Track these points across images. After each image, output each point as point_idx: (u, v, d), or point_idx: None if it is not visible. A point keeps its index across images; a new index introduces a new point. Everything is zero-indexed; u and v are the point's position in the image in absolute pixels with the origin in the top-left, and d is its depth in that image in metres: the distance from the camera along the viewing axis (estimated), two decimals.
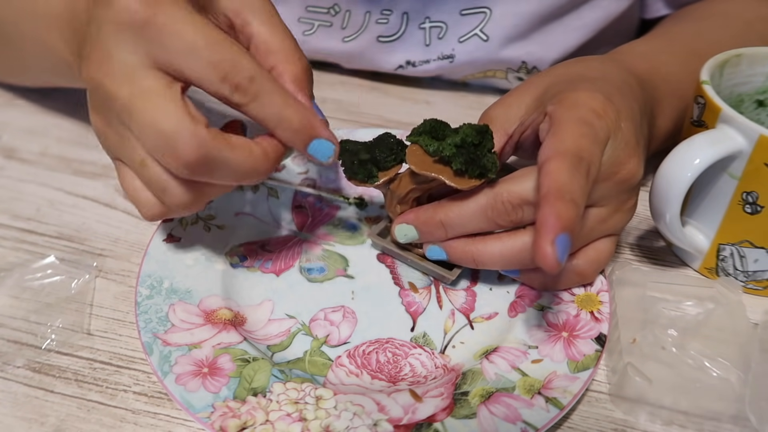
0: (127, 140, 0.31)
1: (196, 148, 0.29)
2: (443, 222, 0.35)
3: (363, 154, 0.36)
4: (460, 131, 0.34)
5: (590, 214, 0.34)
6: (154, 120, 0.29)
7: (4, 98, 0.56)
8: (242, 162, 0.31)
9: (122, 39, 0.29)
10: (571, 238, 0.29)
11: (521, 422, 0.30)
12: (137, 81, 0.29)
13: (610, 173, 0.33)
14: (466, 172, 0.33)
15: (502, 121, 0.37)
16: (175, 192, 0.32)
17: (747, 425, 0.31)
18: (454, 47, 0.53)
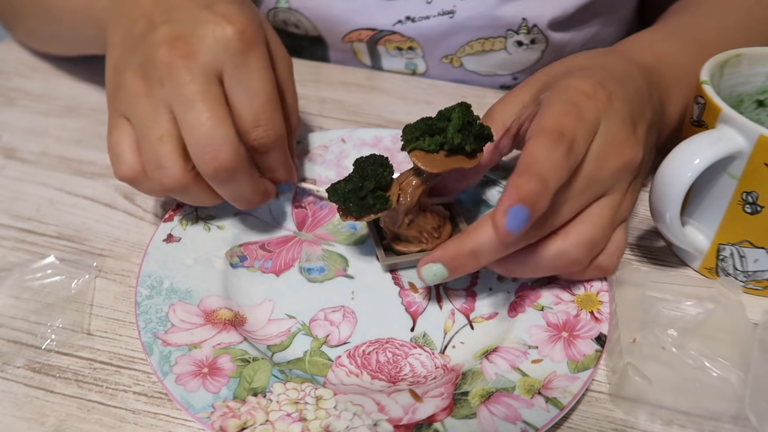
0: (159, 115, 0.34)
1: (234, 161, 0.34)
2: (474, 251, 0.32)
3: (367, 183, 0.34)
4: (452, 116, 0.35)
5: (605, 205, 0.34)
6: (214, 122, 0.33)
7: (4, 98, 0.56)
8: (250, 187, 0.37)
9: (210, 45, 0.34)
10: (533, 214, 0.29)
11: (521, 422, 0.30)
12: (206, 83, 0.34)
13: (610, 154, 0.34)
14: (477, 149, 0.35)
15: (501, 115, 0.38)
16: (171, 175, 0.35)
17: (747, 425, 0.31)
18: (456, 3, 0.53)
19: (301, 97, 0.56)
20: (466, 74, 0.58)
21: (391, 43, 0.57)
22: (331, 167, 0.46)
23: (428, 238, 0.39)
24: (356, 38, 0.57)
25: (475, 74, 0.58)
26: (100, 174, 0.47)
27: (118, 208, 0.44)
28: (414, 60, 0.58)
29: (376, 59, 0.59)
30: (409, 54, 0.58)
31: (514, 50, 0.55)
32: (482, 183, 0.44)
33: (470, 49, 0.56)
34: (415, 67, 0.59)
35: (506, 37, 0.55)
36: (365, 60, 0.60)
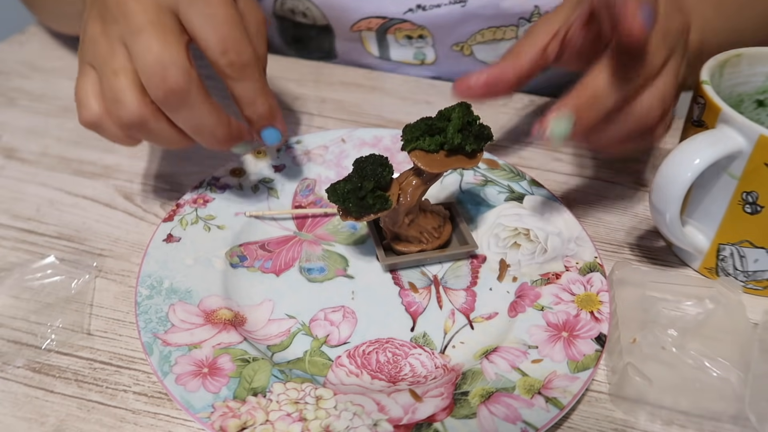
0: (115, 51, 0.35)
1: (183, 82, 0.34)
2: (595, 95, 0.34)
3: (366, 183, 0.34)
4: (452, 116, 0.35)
5: (672, 65, 0.36)
6: (162, 46, 0.33)
7: (4, 98, 0.56)
8: (209, 115, 0.36)
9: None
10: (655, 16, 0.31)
11: (521, 422, 0.30)
12: (157, 14, 0.34)
13: (672, 16, 0.35)
14: (477, 149, 0.35)
15: (545, 24, 0.38)
16: (128, 108, 0.34)
17: (747, 425, 0.31)
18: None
19: (301, 97, 0.56)
20: (476, 64, 0.58)
21: (401, 32, 0.56)
22: (331, 167, 0.46)
23: (428, 238, 0.39)
24: (365, 27, 0.57)
25: (485, 65, 0.58)
26: (100, 174, 0.47)
27: (118, 208, 0.44)
28: (423, 49, 0.58)
29: (385, 49, 0.59)
30: (418, 43, 0.57)
31: None
32: (482, 183, 0.44)
33: (481, 38, 0.56)
34: (424, 57, 0.58)
35: (518, 25, 0.54)
36: (372, 50, 0.59)
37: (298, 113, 0.54)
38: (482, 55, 0.57)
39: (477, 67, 0.57)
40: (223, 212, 0.42)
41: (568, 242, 0.39)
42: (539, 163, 0.49)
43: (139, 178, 0.47)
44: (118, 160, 0.49)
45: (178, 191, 0.46)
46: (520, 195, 0.43)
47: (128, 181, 0.47)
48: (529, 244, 0.40)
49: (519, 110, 0.55)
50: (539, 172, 0.48)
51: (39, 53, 0.62)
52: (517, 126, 0.53)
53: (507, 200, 0.43)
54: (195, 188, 0.43)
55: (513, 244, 0.40)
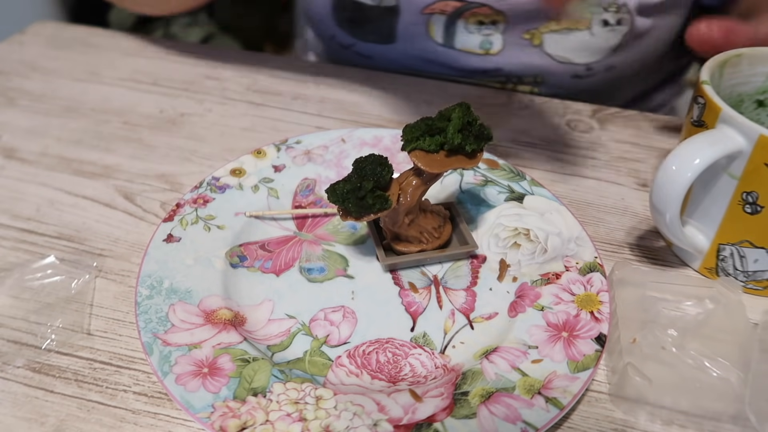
0: None
1: None
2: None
3: (366, 183, 0.34)
4: (452, 116, 0.35)
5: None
6: None
7: (4, 98, 0.56)
8: None
9: None
10: None
11: (521, 422, 0.30)
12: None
13: None
14: (477, 149, 0.36)
15: None
16: None
17: (747, 425, 0.31)
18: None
19: (301, 97, 0.56)
20: (542, 57, 0.57)
21: (475, 17, 0.55)
22: (331, 167, 0.46)
23: (428, 238, 0.39)
24: (439, 9, 0.55)
25: (550, 58, 0.57)
26: (100, 174, 0.47)
27: (118, 208, 0.44)
28: (490, 37, 0.56)
29: (450, 36, 0.57)
30: (487, 30, 0.56)
31: (598, 30, 0.55)
32: (482, 183, 0.44)
33: (556, 26, 0.55)
34: (490, 46, 0.57)
35: (592, 13, 0.54)
36: (436, 36, 0.57)
37: (298, 113, 0.54)
38: (550, 47, 0.56)
39: (542, 59, 0.57)
40: (223, 212, 0.42)
41: (568, 242, 0.39)
42: (539, 163, 0.49)
43: (139, 178, 0.47)
44: (118, 160, 0.49)
45: (178, 191, 0.46)
46: (520, 195, 0.43)
47: (128, 181, 0.47)
48: (529, 244, 0.40)
49: (519, 110, 0.55)
50: (539, 172, 0.48)
51: (39, 53, 0.62)
52: (517, 126, 0.53)
53: (507, 200, 0.43)
54: (195, 188, 0.43)
55: (513, 244, 0.40)
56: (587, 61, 0.57)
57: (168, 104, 0.55)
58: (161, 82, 0.58)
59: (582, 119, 0.54)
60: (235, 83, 0.58)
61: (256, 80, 0.58)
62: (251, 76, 0.59)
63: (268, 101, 0.56)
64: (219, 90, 0.57)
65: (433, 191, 0.44)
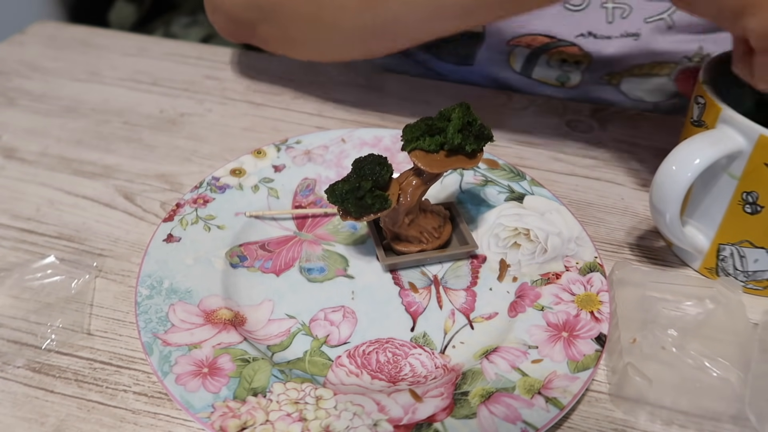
0: None
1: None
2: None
3: (364, 183, 0.34)
4: (452, 116, 0.35)
5: None
6: None
7: (4, 98, 0.56)
8: None
9: None
10: None
11: (521, 422, 0.30)
12: None
13: None
14: (477, 149, 0.36)
15: None
16: None
17: (747, 425, 0.31)
18: (640, 27, 0.52)
19: (300, 97, 0.56)
20: (615, 94, 0.58)
21: (560, 55, 0.55)
22: (331, 167, 0.46)
23: (428, 238, 0.39)
24: (526, 43, 0.55)
25: (623, 96, 0.58)
26: (100, 174, 0.47)
27: (118, 208, 0.44)
28: (570, 73, 0.57)
29: (529, 67, 0.57)
30: (568, 67, 0.56)
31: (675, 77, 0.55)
32: (482, 183, 0.44)
33: (639, 71, 0.55)
34: (567, 80, 0.57)
35: (678, 63, 0.54)
36: (516, 66, 0.57)
37: (298, 113, 0.54)
38: (626, 87, 0.57)
39: (616, 96, 0.57)
40: (223, 212, 0.42)
41: (568, 242, 0.39)
42: (539, 163, 0.49)
43: (139, 178, 0.47)
44: (118, 160, 0.49)
45: (178, 191, 0.46)
46: (520, 195, 0.43)
47: (128, 181, 0.47)
48: (529, 244, 0.40)
49: (519, 110, 0.55)
50: (539, 172, 0.48)
51: (39, 53, 0.62)
52: (517, 126, 0.53)
53: (507, 200, 0.43)
54: (195, 188, 0.43)
55: (513, 244, 0.40)
56: (657, 100, 0.58)
57: (168, 104, 0.55)
58: (161, 82, 0.58)
59: (582, 119, 0.54)
60: (235, 83, 0.58)
61: (256, 80, 0.58)
62: (251, 76, 0.59)
63: (268, 101, 0.56)
64: (219, 90, 0.57)
65: (433, 191, 0.44)
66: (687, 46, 0.53)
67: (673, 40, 0.53)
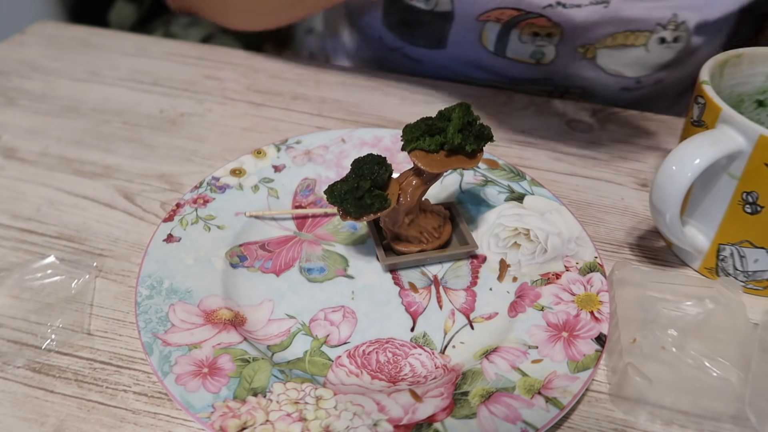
0: None
1: None
2: None
3: (362, 183, 0.34)
4: (452, 116, 0.35)
5: None
6: None
7: (4, 98, 0.56)
8: None
9: None
10: None
11: (521, 422, 0.30)
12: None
13: None
14: (477, 149, 0.36)
15: None
16: None
17: (747, 425, 0.31)
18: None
19: (300, 97, 0.56)
20: (593, 69, 0.57)
21: (531, 28, 0.54)
22: (331, 167, 0.46)
23: (428, 238, 0.39)
24: (495, 17, 0.54)
25: (601, 71, 0.57)
26: (100, 174, 0.47)
27: (118, 208, 0.44)
28: (543, 48, 0.56)
29: (503, 44, 0.56)
30: (541, 41, 0.55)
31: (654, 47, 0.54)
32: (482, 183, 0.44)
33: (612, 41, 0.54)
34: (542, 56, 0.56)
35: (653, 31, 0.53)
36: (489, 44, 0.56)
37: (298, 113, 0.54)
38: (603, 61, 0.56)
39: (594, 72, 0.57)
40: (223, 212, 0.42)
41: (568, 242, 0.39)
42: (539, 163, 0.49)
43: (139, 178, 0.47)
44: (118, 160, 0.49)
45: (178, 191, 0.46)
46: (520, 195, 0.43)
47: (128, 181, 0.47)
48: (529, 244, 0.40)
49: (519, 110, 0.55)
50: (539, 172, 0.48)
51: (39, 53, 0.62)
52: (517, 126, 0.53)
53: (507, 200, 0.43)
54: (195, 188, 0.43)
55: (513, 244, 0.40)
56: (638, 75, 0.57)
57: (168, 104, 0.55)
58: (161, 82, 0.58)
59: (582, 119, 0.54)
60: (235, 83, 0.58)
61: (256, 80, 0.58)
62: (251, 76, 0.59)
63: (268, 101, 0.56)
64: (219, 90, 0.57)
65: (433, 191, 0.44)
66: (660, 13, 0.52)
67: (644, 7, 0.52)
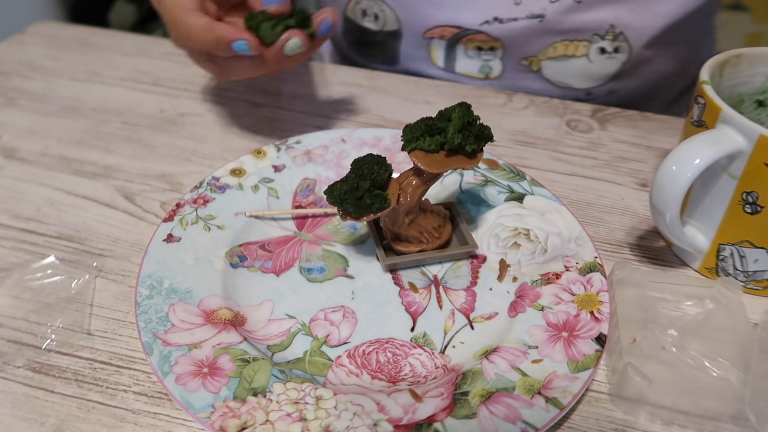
0: None
1: None
2: None
3: (362, 183, 0.34)
4: (453, 116, 0.35)
5: None
6: None
7: (4, 98, 0.56)
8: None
9: None
10: None
11: (521, 422, 0.30)
12: None
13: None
14: (477, 149, 0.36)
15: None
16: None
17: (747, 425, 0.31)
18: (545, 6, 0.53)
19: (300, 97, 0.56)
20: (541, 82, 0.58)
21: (473, 42, 0.56)
22: (331, 167, 0.46)
23: (428, 238, 0.39)
24: (438, 35, 0.57)
25: (549, 83, 0.58)
26: (100, 174, 0.47)
27: (118, 208, 0.44)
28: (490, 62, 0.58)
29: (451, 60, 0.59)
30: (487, 55, 0.57)
31: (596, 57, 0.56)
32: (482, 183, 0.44)
33: (553, 51, 0.56)
34: (489, 70, 0.58)
35: (591, 41, 0.55)
36: (438, 60, 0.59)
37: (298, 113, 0.54)
38: (549, 73, 0.58)
39: (542, 84, 0.58)
40: (223, 212, 0.42)
41: (568, 242, 0.39)
42: (539, 163, 0.49)
43: (139, 178, 0.47)
44: (118, 160, 0.49)
45: (178, 191, 0.46)
46: (520, 195, 0.43)
47: (128, 181, 0.47)
48: (529, 244, 0.40)
49: (519, 110, 0.55)
50: (539, 172, 0.48)
51: (39, 53, 0.62)
52: (517, 126, 0.53)
53: (507, 200, 0.43)
54: (195, 188, 0.43)
55: (513, 244, 0.40)
56: (587, 86, 0.58)
57: (168, 104, 0.55)
58: (161, 82, 0.58)
59: (582, 119, 0.54)
60: (235, 83, 0.58)
61: (256, 80, 0.58)
62: None
63: (268, 101, 0.56)
64: (219, 90, 0.57)
65: (433, 191, 0.44)
66: (596, 24, 0.54)
67: (581, 19, 0.53)
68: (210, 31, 0.40)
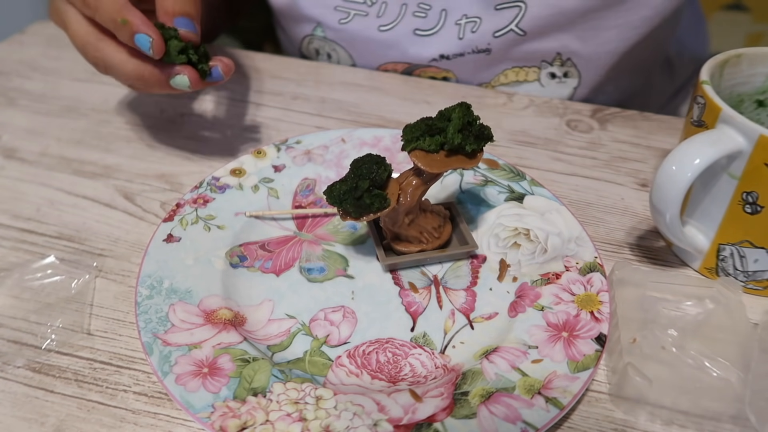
0: None
1: None
2: None
3: (361, 183, 0.34)
4: (452, 116, 0.35)
5: None
6: None
7: (4, 98, 0.56)
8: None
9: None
10: None
11: (521, 422, 0.30)
12: None
13: None
14: (477, 149, 0.36)
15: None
16: None
17: (747, 425, 0.31)
18: (490, 42, 0.54)
19: (301, 97, 0.56)
20: None
21: (426, 73, 0.59)
22: (331, 167, 0.46)
23: (428, 238, 0.39)
24: (391, 68, 0.60)
25: None
26: (100, 174, 0.47)
27: (118, 208, 0.44)
28: None
29: None
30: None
31: (547, 82, 0.57)
32: (482, 183, 0.44)
33: (505, 78, 0.57)
34: None
35: (540, 67, 0.56)
36: None
37: (298, 113, 0.54)
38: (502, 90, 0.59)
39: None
40: (223, 212, 0.42)
41: (568, 242, 0.39)
42: (539, 163, 0.49)
43: (139, 178, 0.47)
44: (118, 160, 0.49)
45: (178, 191, 0.46)
46: (520, 195, 0.43)
47: (128, 181, 0.47)
48: (529, 244, 0.40)
49: (519, 110, 0.55)
50: (539, 172, 0.48)
51: (39, 53, 0.62)
52: (517, 126, 0.53)
53: (507, 200, 0.43)
54: (195, 188, 0.43)
55: (513, 244, 0.40)
56: None
57: (168, 104, 0.55)
58: None
59: (582, 119, 0.54)
60: (235, 83, 0.58)
61: (256, 80, 0.58)
62: (251, 76, 0.59)
63: (268, 101, 0.56)
64: (219, 90, 0.57)
65: (433, 191, 0.44)
66: (543, 53, 0.55)
67: (527, 49, 0.55)
68: (124, 7, 0.38)
